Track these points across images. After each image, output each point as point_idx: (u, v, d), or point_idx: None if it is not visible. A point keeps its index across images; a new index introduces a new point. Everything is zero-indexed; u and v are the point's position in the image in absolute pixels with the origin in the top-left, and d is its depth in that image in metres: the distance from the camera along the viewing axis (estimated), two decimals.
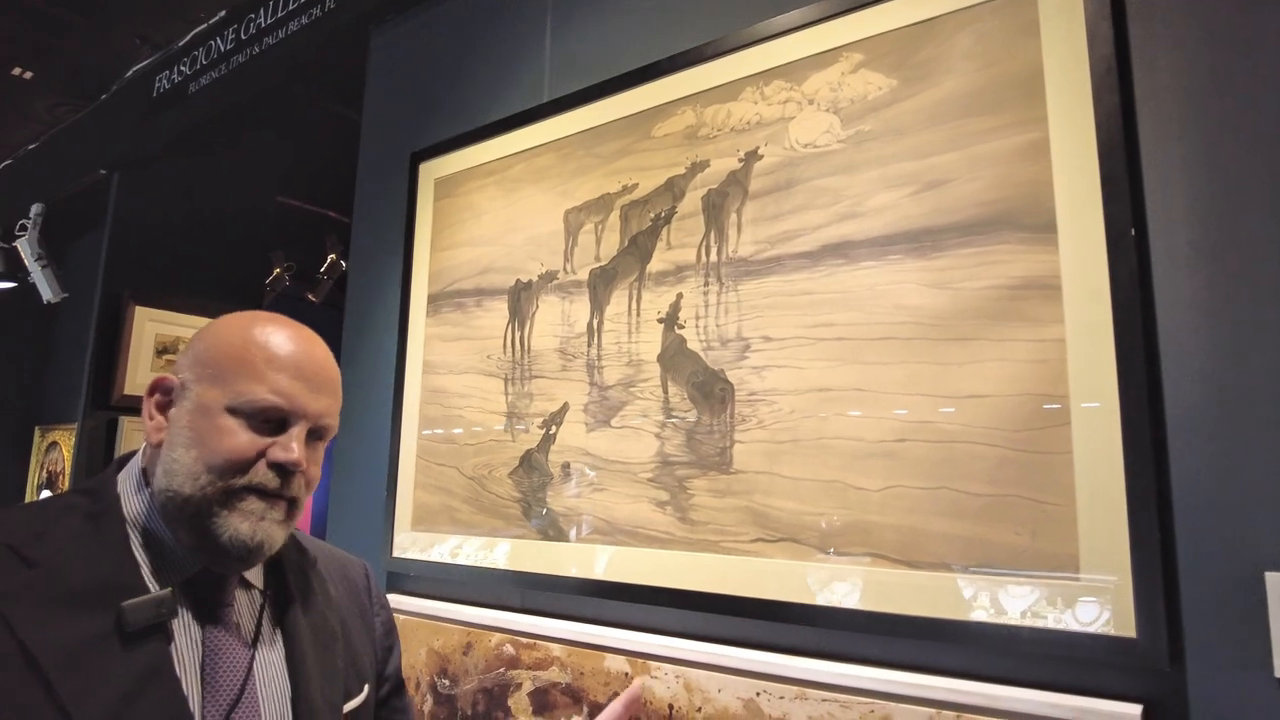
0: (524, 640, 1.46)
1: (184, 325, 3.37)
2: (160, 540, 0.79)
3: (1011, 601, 1.02)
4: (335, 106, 2.94)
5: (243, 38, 2.43)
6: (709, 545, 1.28)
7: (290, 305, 5.74)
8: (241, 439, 0.78)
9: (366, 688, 0.94)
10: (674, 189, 1.41)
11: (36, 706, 0.66)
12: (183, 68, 2.71)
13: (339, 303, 5.41)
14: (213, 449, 0.77)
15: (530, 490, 1.53)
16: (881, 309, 1.16)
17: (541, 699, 1.41)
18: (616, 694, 1.31)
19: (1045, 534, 1.01)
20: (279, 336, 0.83)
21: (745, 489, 1.25)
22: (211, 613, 0.80)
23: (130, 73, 3.02)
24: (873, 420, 1.15)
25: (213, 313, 3.64)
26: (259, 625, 0.84)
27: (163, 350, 3.29)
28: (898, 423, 1.13)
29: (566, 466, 1.48)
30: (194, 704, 0.75)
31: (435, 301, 1.79)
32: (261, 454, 0.78)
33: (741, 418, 1.27)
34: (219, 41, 2.55)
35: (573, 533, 1.46)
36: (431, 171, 1.86)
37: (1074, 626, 0.97)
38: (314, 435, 0.83)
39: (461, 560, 1.61)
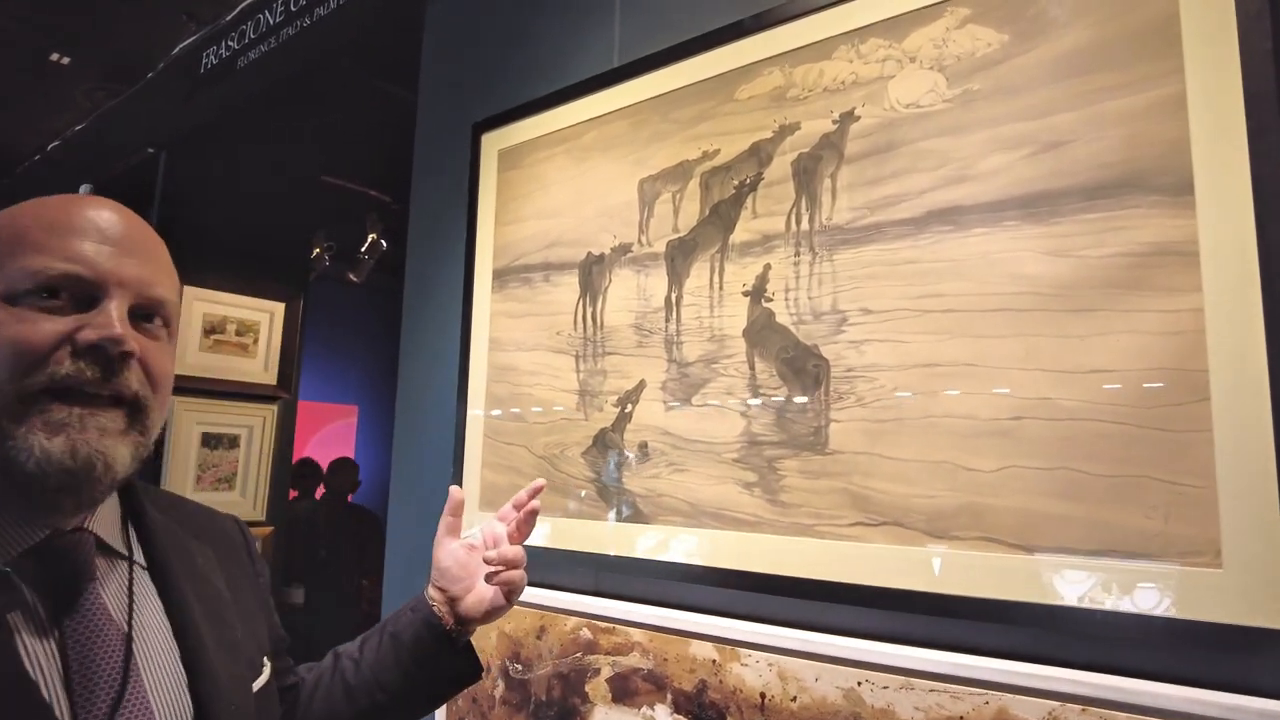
0: (602, 625, 1.41)
1: (231, 305, 3.37)
2: None
3: (1142, 590, 0.96)
4: (381, 83, 2.89)
5: (292, 9, 2.39)
6: (802, 529, 1.22)
7: (331, 286, 5.75)
8: (30, 325, 0.59)
9: (268, 660, 0.81)
10: (760, 154, 1.34)
11: None
12: (231, 43, 2.67)
13: (381, 285, 5.41)
14: None
15: (605, 470, 1.49)
16: (995, 278, 1.09)
17: (621, 685, 1.37)
18: (703, 681, 1.27)
19: (1181, 517, 0.94)
20: (67, 202, 0.65)
21: (843, 470, 1.19)
22: (68, 594, 0.62)
23: (177, 49, 3.00)
24: (986, 397, 1.08)
25: (258, 292, 3.61)
26: (132, 602, 0.67)
27: (210, 330, 3.29)
28: (1014, 400, 1.06)
29: (644, 446, 1.43)
30: (61, 712, 0.58)
31: (501, 277, 1.74)
32: (65, 340, 0.59)
33: (838, 395, 1.21)
34: (268, 14, 2.51)
35: (652, 514, 1.41)
36: (495, 143, 1.80)
37: (1214, 617, 0.91)
38: (142, 314, 0.65)
39: (531, 542, 1.57)
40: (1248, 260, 0.92)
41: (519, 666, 1.52)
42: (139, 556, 0.72)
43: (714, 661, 1.26)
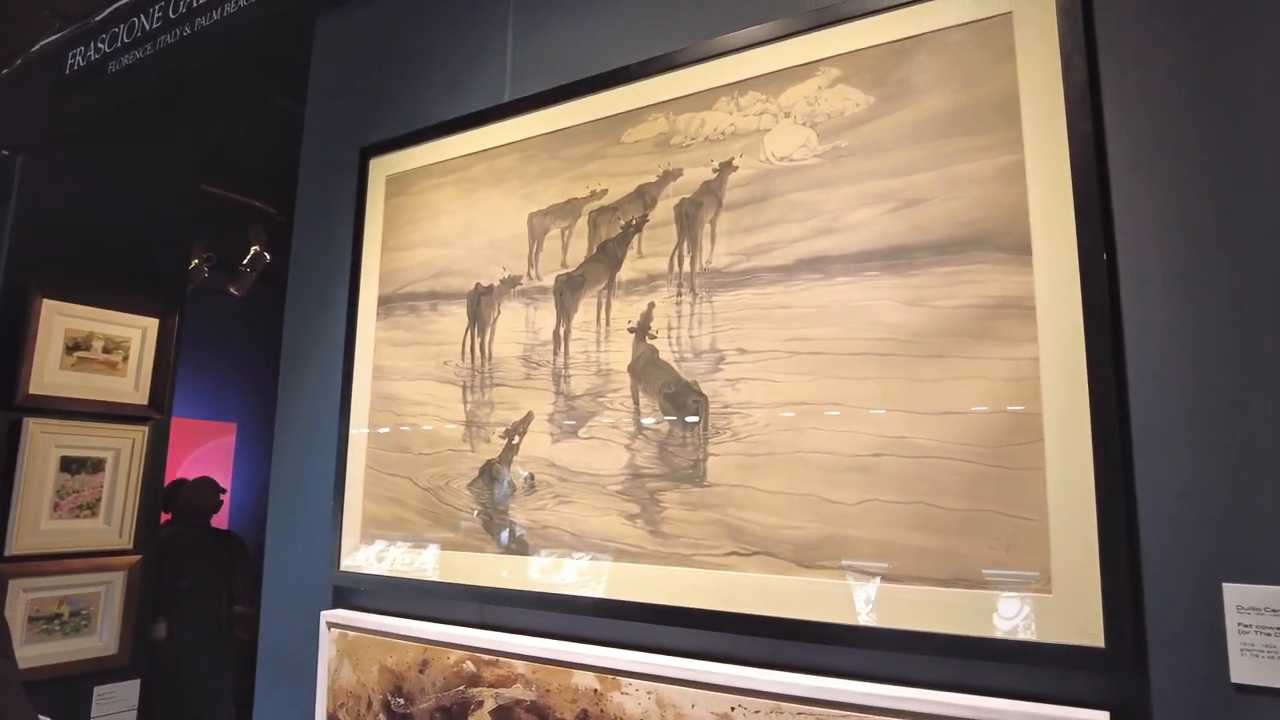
0: (485, 657, 1.41)
1: (98, 320, 3.16)
2: None
3: (986, 614, 1.04)
4: (268, 93, 2.81)
5: (170, 16, 2.29)
6: (681, 559, 1.27)
7: (211, 298, 5.47)
8: None
9: None
10: (645, 197, 1.39)
11: None
12: (100, 44, 2.53)
13: (263, 297, 5.19)
14: None
15: (491, 502, 1.49)
16: (857, 324, 1.17)
17: (504, 717, 1.37)
18: (585, 711, 1.29)
19: (1019, 548, 1.03)
20: None
21: (719, 502, 1.24)
22: None
23: (38, 47, 2.81)
24: (848, 435, 1.15)
25: (130, 307, 3.41)
26: None
27: (74, 346, 3.08)
28: (873, 438, 1.14)
29: (530, 478, 1.45)
30: None
31: (386, 304, 1.72)
32: None
33: (715, 430, 1.27)
34: (142, 19, 2.39)
35: (538, 545, 1.42)
36: (383, 168, 1.78)
37: (1045, 638, 1.00)
38: None
39: (415, 574, 1.56)
40: (1074, 315, 1.03)
41: (401, 700, 1.50)
42: None
43: (595, 691, 1.28)
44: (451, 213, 1.65)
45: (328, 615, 1.65)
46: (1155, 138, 1.04)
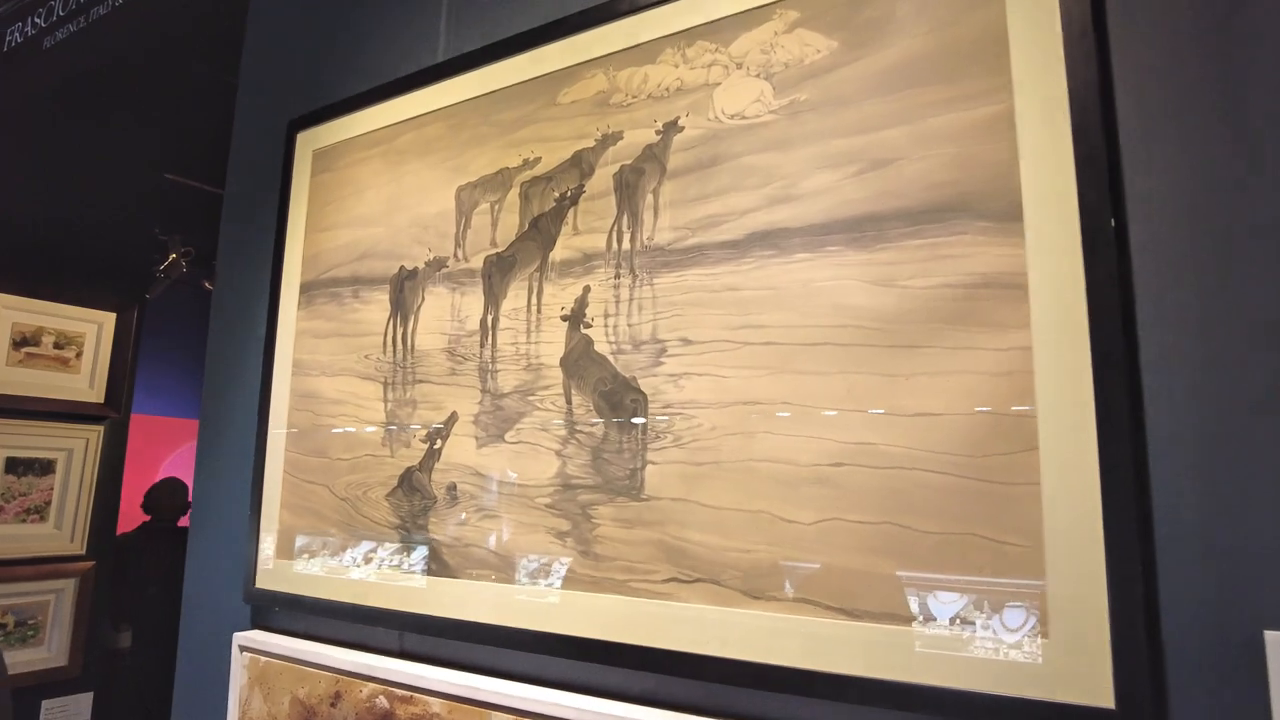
0: (399, 692, 1.23)
1: (52, 314, 3.01)
2: None
3: (970, 662, 0.85)
4: (222, 75, 2.64)
5: None
6: (615, 585, 1.08)
7: (187, 294, 5.31)
8: None
9: None
10: (582, 164, 1.21)
11: None
12: (37, 19, 2.37)
13: None
14: None
15: (410, 515, 1.31)
16: (817, 309, 0.98)
17: None
18: None
19: (1008, 580, 0.84)
20: None
21: (658, 518, 1.06)
22: None
23: None
24: (805, 440, 0.97)
25: (84, 301, 3.24)
26: None
27: (21, 341, 2.93)
28: (834, 444, 0.95)
29: (453, 488, 1.26)
30: None
31: (308, 291, 1.54)
32: None
33: (655, 434, 1.08)
34: None
35: (459, 566, 1.24)
36: (310, 142, 1.61)
37: (1041, 694, 0.81)
38: None
39: (329, 595, 1.38)
40: (1075, 295, 0.84)
41: None
42: None
43: None
44: (376, 188, 1.47)
45: (240, 638, 1.47)
46: (1173, 78, 0.85)
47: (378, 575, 1.33)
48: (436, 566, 1.26)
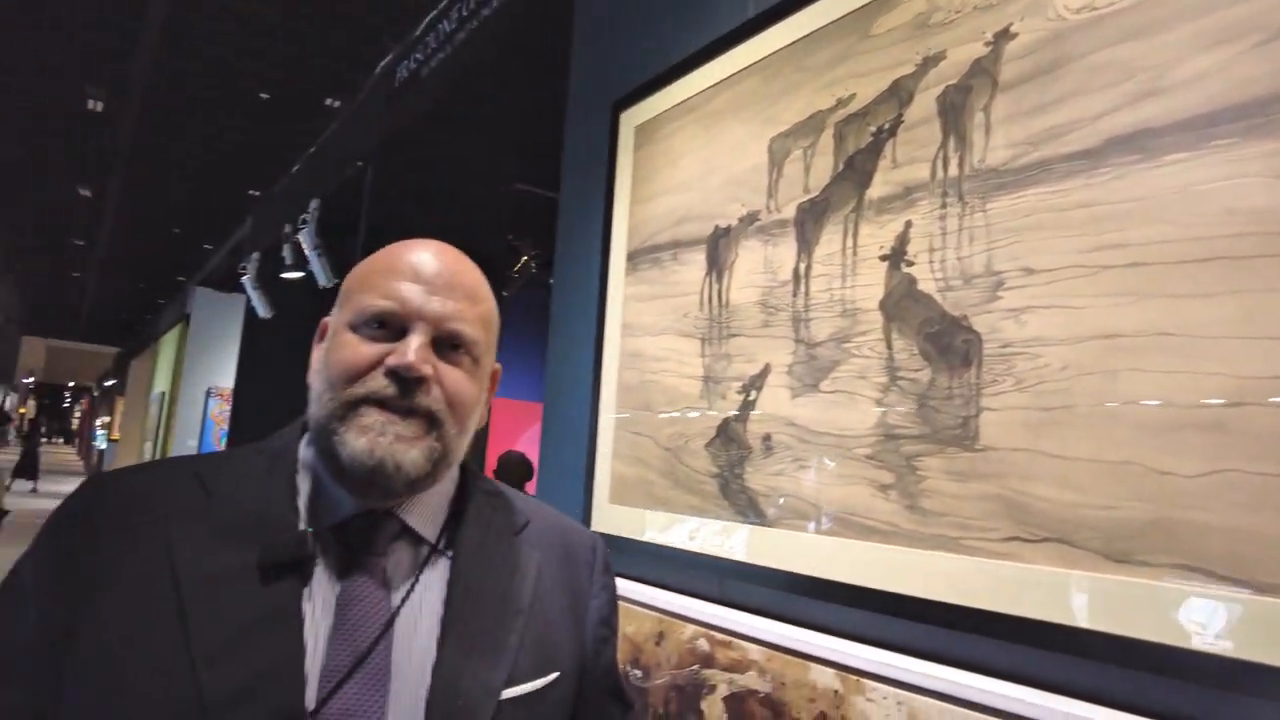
0: (719, 636, 1.26)
1: None
2: (320, 481, 0.76)
3: None
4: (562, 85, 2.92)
5: (463, 14, 2.46)
6: (945, 542, 1.00)
7: (537, 294, 6.00)
8: (356, 349, 0.73)
9: (553, 676, 0.78)
10: (900, 93, 1.13)
11: (165, 626, 0.65)
12: (418, 55, 2.82)
13: None
14: (331, 365, 0.74)
15: (727, 465, 1.33)
16: (1201, 218, 0.81)
17: (738, 707, 1.20)
18: (823, 714, 1.07)
19: None
20: (401, 248, 0.78)
21: (996, 471, 0.95)
22: (360, 561, 0.73)
23: (379, 68, 3.23)
24: (1188, 377, 0.80)
25: None
26: (415, 581, 0.75)
27: None
28: (1229, 380, 0.77)
29: (768, 438, 1.26)
30: (314, 653, 0.68)
31: (633, 259, 1.64)
32: (378, 362, 0.72)
33: (992, 378, 0.97)
34: (445, 23, 2.61)
35: (775, 517, 1.23)
36: (632, 119, 1.71)
37: None
38: (446, 344, 0.74)
39: (653, 538, 1.45)
40: None
41: (639, 673, 1.41)
42: (447, 544, 0.79)
43: (836, 692, 1.06)
44: (691, 153, 1.52)
45: None
46: None
47: (697, 521, 1.37)
48: (753, 515, 1.27)
